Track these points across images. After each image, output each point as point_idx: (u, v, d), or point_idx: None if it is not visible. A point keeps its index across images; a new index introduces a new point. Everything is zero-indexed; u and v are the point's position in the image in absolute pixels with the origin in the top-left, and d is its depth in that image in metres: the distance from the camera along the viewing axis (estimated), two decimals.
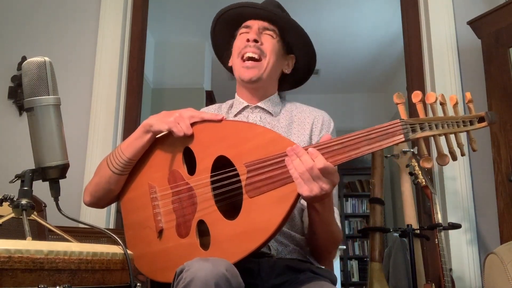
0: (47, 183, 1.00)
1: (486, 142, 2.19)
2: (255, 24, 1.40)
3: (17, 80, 2.60)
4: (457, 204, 2.29)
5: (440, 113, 1.02)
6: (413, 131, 0.98)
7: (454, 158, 1.02)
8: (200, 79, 5.03)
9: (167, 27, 4.84)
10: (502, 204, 1.96)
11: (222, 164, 1.15)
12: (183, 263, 1.00)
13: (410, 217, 2.37)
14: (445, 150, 1.02)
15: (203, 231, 1.16)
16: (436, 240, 2.03)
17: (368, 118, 6.48)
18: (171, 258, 1.18)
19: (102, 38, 2.63)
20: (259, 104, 1.41)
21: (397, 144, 1.00)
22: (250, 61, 1.35)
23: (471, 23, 2.22)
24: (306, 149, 1.03)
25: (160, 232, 1.21)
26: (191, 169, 1.20)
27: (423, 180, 2.13)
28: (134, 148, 1.25)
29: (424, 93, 1.03)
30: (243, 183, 1.10)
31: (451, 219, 2.24)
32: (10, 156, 2.49)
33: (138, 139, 1.24)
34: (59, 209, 0.99)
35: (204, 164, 1.17)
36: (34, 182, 0.97)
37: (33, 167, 0.98)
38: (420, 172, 2.15)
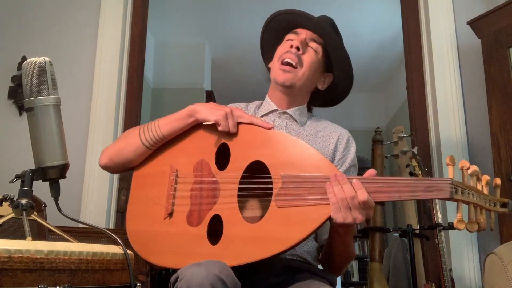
0: (47, 183, 1.00)
1: (486, 142, 2.19)
2: (304, 33, 1.43)
3: (17, 80, 2.59)
4: None
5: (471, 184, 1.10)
6: (456, 192, 1.03)
7: (480, 229, 1.08)
8: (200, 79, 5.02)
9: (167, 27, 4.83)
10: None
11: (255, 170, 1.15)
12: (185, 251, 1.00)
13: (410, 217, 2.37)
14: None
15: (213, 230, 1.15)
16: (436, 240, 2.03)
17: (368, 118, 6.46)
18: (174, 243, 1.16)
19: (102, 38, 2.63)
20: (288, 110, 1.42)
21: (439, 198, 1.06)
22: (287, 66, 1.37)
23: (471, 23, 2.22)
24: (350, 180, 1.06)
25: (170, 214, 1.19)
26: (221, 165, 1.20)
27: None
28: (172, 127, 1.26)
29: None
30: (274, 191, 1.11)
31: (451, 219, 2.24)
32: (10, 156, 2.49)
33: (180, 120, 1.26)
34: (59, 209, 0.99)
35: (238, 163, 1.17)
36: (34, 182, 0.98)
37: (33, 167, 0.98)
38: (420, 172, 2.14)
